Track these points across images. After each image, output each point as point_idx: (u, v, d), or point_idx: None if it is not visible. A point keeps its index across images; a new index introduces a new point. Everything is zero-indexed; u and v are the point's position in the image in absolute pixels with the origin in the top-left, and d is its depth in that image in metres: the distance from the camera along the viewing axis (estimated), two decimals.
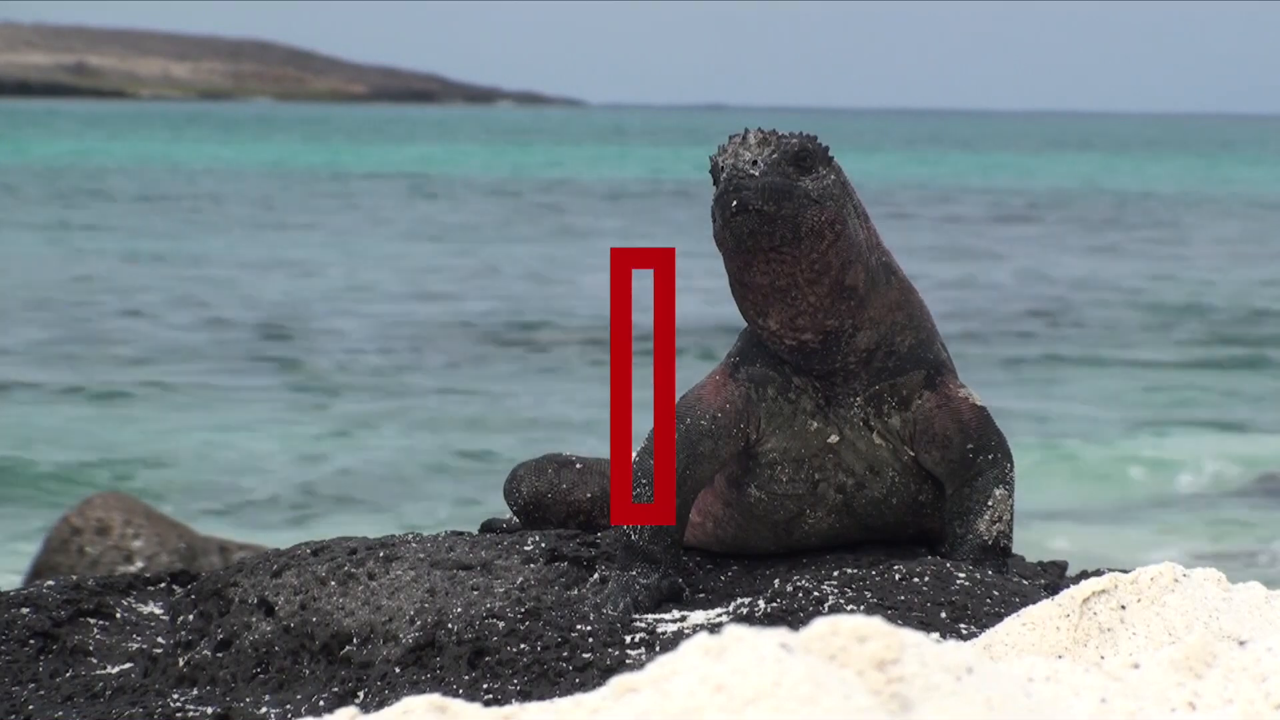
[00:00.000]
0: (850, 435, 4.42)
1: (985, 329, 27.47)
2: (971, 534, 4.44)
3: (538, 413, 20.81)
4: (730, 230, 4.16)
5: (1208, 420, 20.67)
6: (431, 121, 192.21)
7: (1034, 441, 18.61)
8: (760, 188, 4.14)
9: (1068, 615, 3.44)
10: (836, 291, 4.26)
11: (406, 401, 21.60)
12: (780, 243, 4.16)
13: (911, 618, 4.10)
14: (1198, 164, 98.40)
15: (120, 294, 30.70)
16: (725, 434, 4.42)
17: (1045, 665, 2.80)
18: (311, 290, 31.68)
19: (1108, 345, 26.25)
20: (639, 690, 2.45)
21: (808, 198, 4.18)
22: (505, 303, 30.03)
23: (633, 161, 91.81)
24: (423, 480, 17.87)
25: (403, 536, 4.79)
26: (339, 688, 4.39)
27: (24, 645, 4.91)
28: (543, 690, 4.10)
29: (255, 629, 4.62)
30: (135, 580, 5.40)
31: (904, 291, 4.42)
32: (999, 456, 4.46)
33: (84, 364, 23.77)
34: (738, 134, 4.25)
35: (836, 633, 2.52)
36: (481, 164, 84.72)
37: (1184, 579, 3.54)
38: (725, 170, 4.18)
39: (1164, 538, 15.66)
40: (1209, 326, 28.37)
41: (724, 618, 4.30)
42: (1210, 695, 2.80)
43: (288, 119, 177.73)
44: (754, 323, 4.33)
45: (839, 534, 4.53)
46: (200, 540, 11.70)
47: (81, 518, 11.56)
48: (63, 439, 19.17)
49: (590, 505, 4.92)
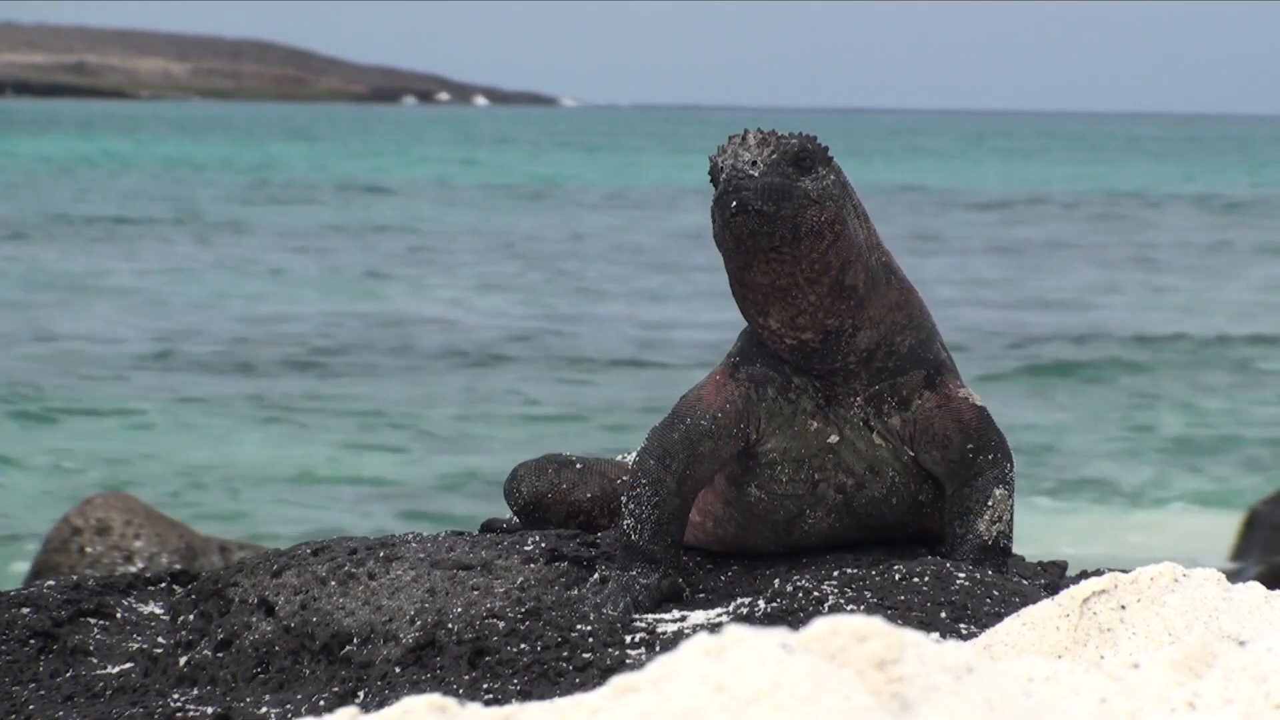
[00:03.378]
0: (850, 435, 4.42)
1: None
2: (971, 534, 4.44)
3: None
4: (730, 230, 4.16)
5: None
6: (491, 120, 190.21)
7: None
8: (760, 188, 4.14)
9: (1068, 615, 3.44)
10: (836, 291, 4.26)
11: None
12: (780, 243, 4.16)
13: (911, 618, 4.10)
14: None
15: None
16: (725, 434, 4.42)
17: (1045, 665, 2.80)
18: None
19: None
20: (639, 690, 2.45)
21: (807, 198, 4.18)
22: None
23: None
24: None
25: (403, 536, 4.79)
26: (339, 688, 4.38)
27: (24, 645, 4.91)
28: (543, 690, 4.10)
29: (255, 629, 4.62)
30: (135, 580, 5.40)
31: (904, 291, 4.42)
32: (999, 456, 4.46)
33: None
34: (737, 134, 4.24)
35: (836, 633, 2.52)
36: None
37: (1184, 579, 3.54)
38: (725, 171, 4.18)
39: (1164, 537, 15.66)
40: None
41: (724, 618, 4.30)
42: (1210, 695, 2.80)
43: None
44: (754, 322, 4.33)
45: (839, 534, 4.53)
46: (200, 540, 11.70)
47: (81, 518, 11.56)
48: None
49: (590, 505, 4.92)
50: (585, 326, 28.44)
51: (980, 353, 25.40)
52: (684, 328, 28.16)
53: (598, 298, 32.54)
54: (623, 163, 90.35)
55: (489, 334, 27.26)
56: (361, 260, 38.11)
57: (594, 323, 28.87)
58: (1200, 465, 19.35)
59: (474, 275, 35.70)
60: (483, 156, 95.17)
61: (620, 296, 32.74)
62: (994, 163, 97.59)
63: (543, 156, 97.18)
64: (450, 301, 31.27)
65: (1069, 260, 40.39)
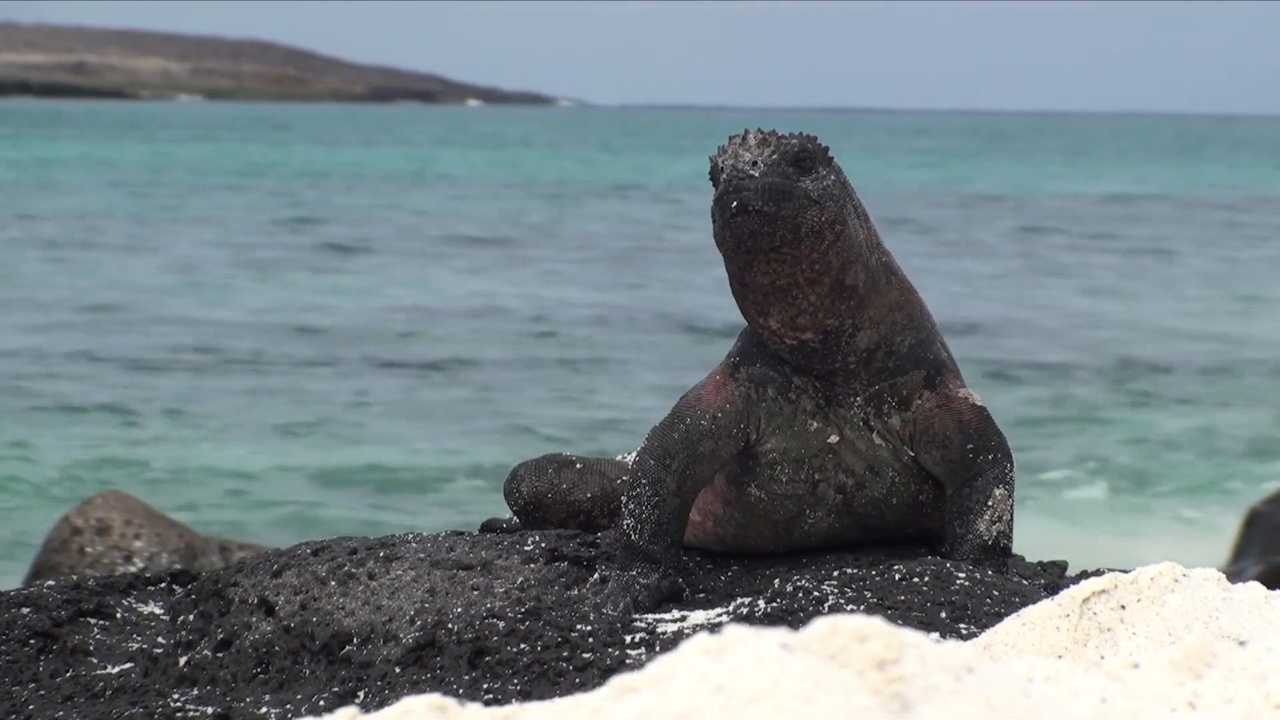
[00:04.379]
0: (850, 435, 4.42)
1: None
2: (971, 534, 4.44)
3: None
4: (730, 231, 4.16)
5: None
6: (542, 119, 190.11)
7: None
8: (760, 188, 4.14)
9: (1068, 615, 3.44)
10: (837, 291, 4.26)
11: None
12: (780, 243, 4.16)
13: (911, 618, 4.10)
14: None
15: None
16: (725, 434, 4.42)
17: (1045, 665, 2.80)
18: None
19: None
20: (639, 690, 2.45)
21: (808, 198, 4.18)
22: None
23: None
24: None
25: (403, 536, 4.79)
26: (339, 688, 4.38)
27: (24, 645, 4.91)
28: (543, 690, 4.10)
29: (255, 629, 4.62)
30: (135, 580, 5.40)
31: (904, 291, 4.43)
32: (999, 456, 4.46)
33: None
34: (737, 134, 4.24)
35: (836, 633, 2.51)
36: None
37: (1184, 579, 3.54)
38: (725, 171, 4.18)
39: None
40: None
41: (724, 618, 4.30)
42: (1210, 695, 2.80)
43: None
44: (755, 322, 4.33)
45: (839, 534, 4.53)
46: (200, 540, 11.71)
47: (81, 517, 11.57)
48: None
49: (590, 505, 4.92)
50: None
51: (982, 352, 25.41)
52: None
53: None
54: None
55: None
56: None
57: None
58: (1201, 464, 19.35)
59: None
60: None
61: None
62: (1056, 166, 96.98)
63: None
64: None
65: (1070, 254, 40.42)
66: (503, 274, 35.46)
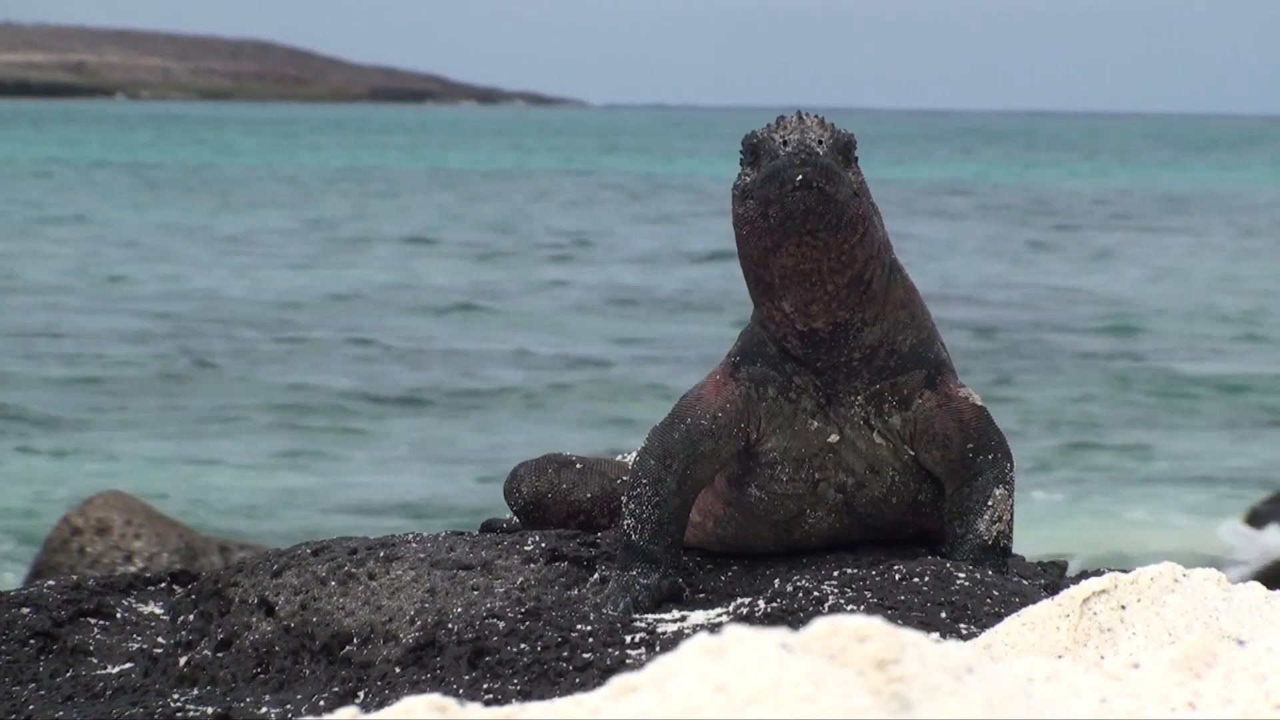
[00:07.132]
0: (850, 435, 4.42)
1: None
2: (971, 534, 4.44)
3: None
4: (784, 204, 4.16)
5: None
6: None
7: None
8: (824, 166, 4.16)
9: (1068, 615, 3.44)
10: (855, 284, 4.28)
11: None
12: (823, 226, 4.18)
13: (911, 618, 4.10)
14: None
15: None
16: (726, 434, 4.42)
17: (1045, 665, 2.80)
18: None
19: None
20: (639, 690, 2.45)
21: (851, 189, 4.22)
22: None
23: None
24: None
25: (403, 536, 4.79)
26: (339, 688, 4.38)
27: (24, 645, 4.91)
28: (543, 690, 4.09)
29: (255, 629, 4.62)
30: (135, 580, 5.40)
31: (908, 291, 4.44)
32: (999, 456, 4.46)
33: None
34: (788, 115, 4.26)
35: (836, 633, 2.51)
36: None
37: (1184, 579, 3.54)
38: (790, 145, 4.18)
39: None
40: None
41: (724, 618, 4.30)
42: (1210, 695, 2.79)
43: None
44: (765, 307, 4.33)
45: (839, 534, 4.53)
46: (200, 540, 11.71)
47: (82, 518, 11.57)
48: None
49: (590, 505, 4.92)
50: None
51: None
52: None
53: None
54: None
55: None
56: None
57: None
58: (1201, 464, 19.35)
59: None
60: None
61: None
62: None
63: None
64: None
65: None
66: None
